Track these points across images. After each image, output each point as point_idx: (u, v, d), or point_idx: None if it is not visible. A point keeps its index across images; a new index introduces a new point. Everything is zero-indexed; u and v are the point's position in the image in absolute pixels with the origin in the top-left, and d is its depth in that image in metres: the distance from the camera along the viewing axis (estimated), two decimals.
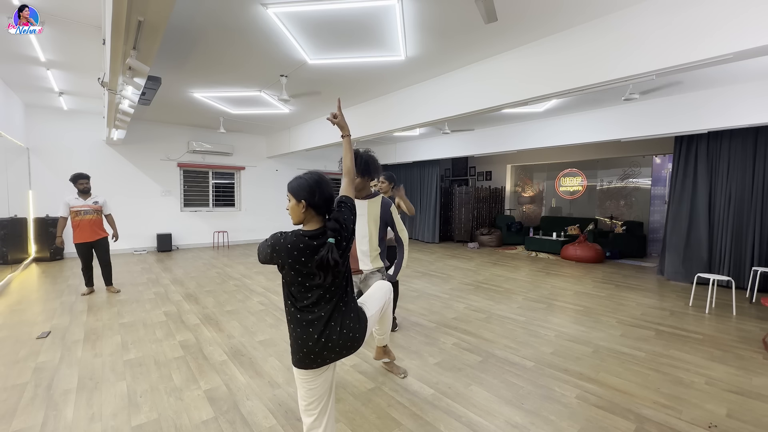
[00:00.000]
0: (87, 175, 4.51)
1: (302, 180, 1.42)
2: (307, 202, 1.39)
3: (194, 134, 8.49)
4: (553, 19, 3.21)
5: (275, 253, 1.36)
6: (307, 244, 1.35)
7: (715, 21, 2.59)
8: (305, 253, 1.34)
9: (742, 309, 4.39)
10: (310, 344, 1.37)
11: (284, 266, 1.36)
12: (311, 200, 1.39)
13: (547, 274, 6.27)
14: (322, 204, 1.40)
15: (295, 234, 1.38)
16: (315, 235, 1.38)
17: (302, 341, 1.38)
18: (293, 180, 1.44)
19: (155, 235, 8.05)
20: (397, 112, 5.39)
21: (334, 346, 1.40)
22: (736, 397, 2.44)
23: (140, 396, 2.35)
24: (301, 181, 1.41)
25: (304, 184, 1.40)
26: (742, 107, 4.57)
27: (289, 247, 1.34)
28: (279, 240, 1.36)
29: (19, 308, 4.03)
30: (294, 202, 1.41)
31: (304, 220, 1.43)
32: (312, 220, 1.42)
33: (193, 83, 5.14)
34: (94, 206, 4.51)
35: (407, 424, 2.09)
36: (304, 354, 1.38)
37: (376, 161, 2.35)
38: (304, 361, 1.39)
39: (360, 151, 2.29)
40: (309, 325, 1.38)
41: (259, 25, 3.37)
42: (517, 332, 3.54)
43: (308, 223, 1.43)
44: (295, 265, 1.34)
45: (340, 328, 1.42)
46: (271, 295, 4.67)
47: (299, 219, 1.43)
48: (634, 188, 8.87)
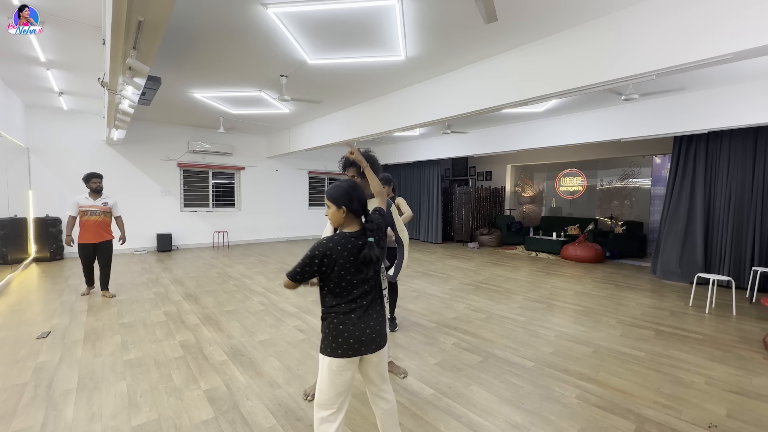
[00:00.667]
0: (100, 175, 4.38)
1: (340, 188, 1.56)
2: (347, 207, 1.54)
3: (194, 134, 8.50)
4: (553, 19, 3.21)
5: (326, 258, 1.47)
6: (353, 244, 1.51)
7: (714, 21, 2.59)
8: (352, 251, 1.50)
9: (742, 309, 4.39)
10: (352, 329, 1.49)
11: (334, 266, 1.48)
12: (350, 205, 1.54)
13: (547, 274, 6.27)
14: (359, 208, 1.56)
15: (341, 235, 1.52)
16: (357, 236, 1.54)
17: (344, 328, 1.49)
18: (331, 189, 1.58)
19: (155, 235, 8.05)
20: (397, 112, 5.39)
21: (371, 332, 1.53)
22: (736, 397, 2.44)
23: (140, 396, 2.35)
24: (340, 189, 1.56)
25: (343, 191, 1.55)
26: (741, 107, 4.57)
27: (339, 248, 1.48)
28: (327, 244, 1.48)
29: (19, 308, 4.03)
30: (334, 208, 1.55)
31: (344, 224, 1.57)
32: (351, 222, 1.57)
33: (193, 83, 5.14)
34: (103, 207, 4.37)
35: (407, 424, 2.09)
36: (344, 340, 1.49)
37: (376, 161, 2.35)
38: (343, 348, 1.49)
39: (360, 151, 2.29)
40: (351, 312, 1.51)
41: (259, 25, 3.37)
42: (517, 332, 3.54)
43: (348, 226, 1.57)
44: (345, 264, 1.48)
45: (377, 316, 1.58)
46: (271, 295, 4.67)
47: (339, 223, 1.57)
48: (634, 188, 8.87)
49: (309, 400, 2.31)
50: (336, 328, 1.50)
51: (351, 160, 2.24)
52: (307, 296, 4.64)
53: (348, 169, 2.29)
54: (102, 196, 4.40)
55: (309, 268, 1.48)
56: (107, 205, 4.41)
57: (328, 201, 1.58)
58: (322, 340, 1.55)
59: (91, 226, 4.29)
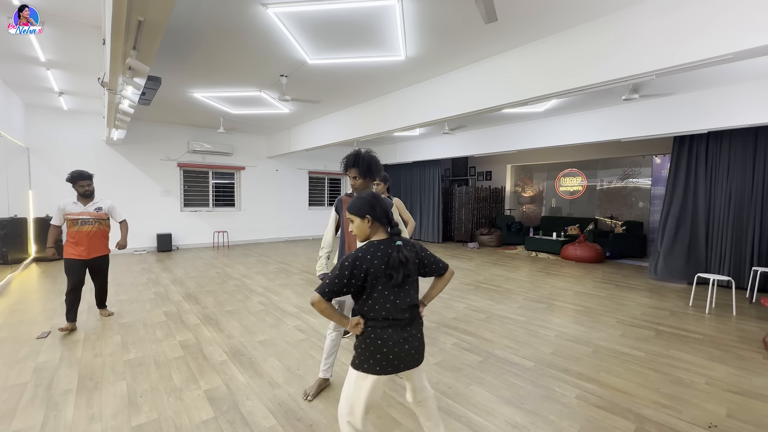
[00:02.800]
0: (89, 175, 3.53)
1: (361, 200, 1.58)
2: (372, 216, 1.55)
3: (194, 134, 8.50)
4: (553, 18, 3.21)
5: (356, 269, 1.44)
6: (383, 251, 1.50)
7: (714, 21, 2.59)
8: (383, 259, 1.48)
9: (742, 309, 4.39)
10: (391, 344, 1.46)
11: (367, 276, 1.46)
12: (374, 213, 1.55)
13: (547, 274, 6.27)
14: (383, 215, 1.57)
15: (369, 244, 1.53)
16: (386, 243, 1.53)
17: (382, 343, 1.45)
18: (352, 203, 1.59)
19: (155, 235, 8.05)
20: (397, 112, 5.39)
21: (410, 348, 1.50)
22: (736, 397, 2.44)
23: (140, 396, 2.35)
24: (361, 201, 1.58)
25: (364, 201, 1.57)
26: (741, 107, 4.57)
27: (369, 257, 1.47)
28: (357, 254, 1.48)
29: (19, 308, 4.03)
30: (358, 221, 1.56)
31: (371, 234, 1.58)
32: (378, 231, 1.58)
33: (193, 83, 5.14)
34: (97, 214, 3.54)
35: (407, 424, 2.09)
36: (383, 356, 1.45)
37: (377, 162, 2.31)
38: (381, 365, 1.45)
39: (362, 151, 2.27)
40: (389, 327, 1.47)
41: (259, 25, 3.37)
42: (517, 332, 3.54)
43: (374, 235, 1.58)
44: (377, 273, 1.46)
45: (416, 332, 1.55)
46: (271, 295, 4.67)
47: (366, 235, 1.58)
48: (634, 188, 8.87)
49: (309, 400, 2.31)
50: (374, 343, 1.46)
51: (353, 161, 2.24)
52: (307, 296, 4.64)
53: (350, 169, 2.28)
54: (94, 200, 3.58)
55: (340, 281, 1.42)
56: (101, 210, 3.58)
57: (350, 216, 1.58)
58: (357, 355, 1.50)
59: (84, 238, 3.46)
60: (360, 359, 1.49)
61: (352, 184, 2.32)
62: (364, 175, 2.25)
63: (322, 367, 2.44)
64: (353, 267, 1.44)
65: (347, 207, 1.60)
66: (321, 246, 2.46)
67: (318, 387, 2.39)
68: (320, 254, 2.45)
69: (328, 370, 2.44)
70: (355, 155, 2.24)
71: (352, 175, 2.26)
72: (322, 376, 2.43)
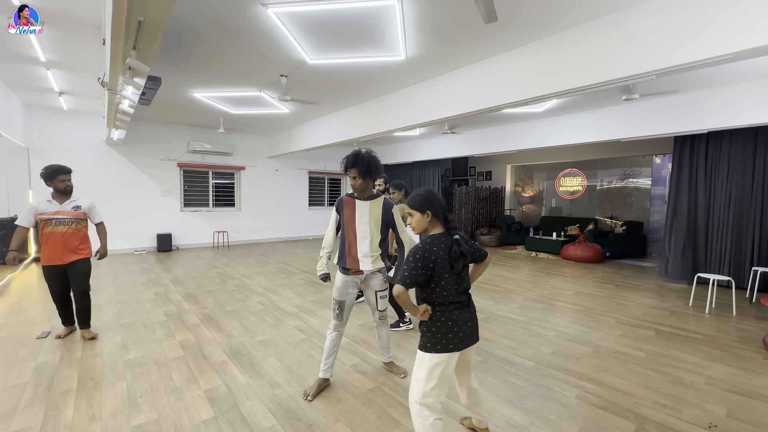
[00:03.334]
0: (68, 169, 3.20)
1: (421, 195, 1.71)
2: (432, 212, 1.69)
3: (194, 134, 8.49)
4: (553, 18, 3.21)
5: (430, 262, 1.61)
6: (445, 243, 1.66)
7: (715, 21, 2.59)
8: (446, 250, 1.64)
9: (742, 309, 4.39)
10: (460, 323, 1.65)
11: (434, 266, 1.62)
12: (434, 209, 1.69)
13: (547, 274, 6.27)
14: (440, 211, 1.71)
15: (432, 238, 1.68)
16: (444, 236, 1.69)
17: (452, 324, 1.65)
18: (413, 198, 1.72)
19: (155, 235, 8.05)
20: (397, 112, 5.39)
21: (472, 326, 1.72)
22: (736, 397, 2.44)
23: (140, 396, 2.35)
24: (421, 197, 1.71)
25: (425, 198, 1.70)
26: (741, 107, 4.57)
27: (435, 248, 1.63)
28: (424, 247, 1.64)
29: (19, 308, 4.03)
30: (418, 215, 1.71)
31: (429, 228, 1.72)
32: (435, 226, 1.72)
33: (193, 83, 5.14)
34: (75, 213, 3.15)
35: (407, 424, 2.09)
36: (454, 335, 1.64)
37: (377, 162, 2.34)
38: (454, 343, 1.64)
39: (362, 151, 2.29)
40: (455, 309, 1.67)
41: (259, 25, 3.37)
42: (517, 332, 3.54)
43: (432, 229, 1.72)
44: (443, 263, 1.63)
45: (473, 311, 1.75)
46: (271, 295, 4.67)
47: (424, 228, 1.72)
48: (634, 188, 8.87)
49: (309, 400, 2.31)
50: (445, 324, 1.64)
51: (353, 161, 2.25)
52: (308, 296, 4.64)
53: (350, 170, 2.29)
54: (72, 198, 3.20)
55: (416, 273, 1.60)
56: (80, 209, 3.19)
57: (411, 210, 1.71)
58: (429, 339, 1.65)
59: (58, 240, 3.06)
60: (432, 341, 1.64)
61: (352, 184, 2.33)
62: (364, 175, 2.27)
63: (322, 367, 2.44)
64: (423, 259, 1.60)
65: (408, 201, 1.73)
66: (322, 246, 2.48)
67: (318, 387, 2.39)
68: (321, 254, 2.46)
69: (328, 370, 2.44)
70: (355, 155, 2.26)
71: (351, 175, 2.29)
72: (322, 376, 2.43)
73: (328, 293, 4.76)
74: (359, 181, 2.29)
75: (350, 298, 2.41)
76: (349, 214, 2.37)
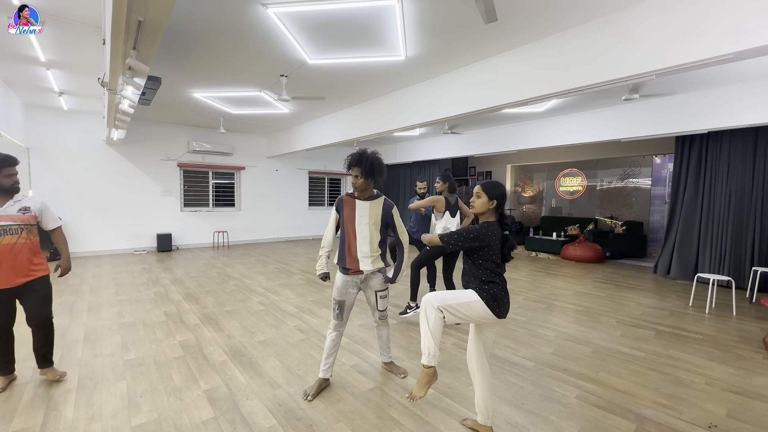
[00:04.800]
0: (15, 160, 2.44)
1: (499, 186, 1.90)
2: (497, 203, 1.89)
3: (194, 134, 8.50)
4: (553, 18, 3.21)
5: (478, 238, 1.82)
6: (498, 231, 1.88)
7: (714, 21, 2.59)
8: (498, 237, 1.87)
9: (742, 309, 4.39)
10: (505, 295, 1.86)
11: (489, 243, 1.83)
12: (501, 201, 1.89)
13: (547, 274, 6.26)
14: (502, 205, 1.91)
15: (488, 224, 1.86)
16: (496, 225, 1.89)
17: (504, 293, 1.86)
18: (489, 184, 1.90)
19: (155, 235, 8.05)
20: (397, 112, 5.39)
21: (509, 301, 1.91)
22: (736, 397, 2.44)
23: (140, 396, 2.35)
24: (498, 187, 1.90)
25: (501, 190, 1.89)
26: (741, 107, 4.57)
27: (490, 233, 1.84)
28: (481, 229, 1.84)
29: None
30: (486, 199, 1.89)
31: (486, 214, 1.91)
32: (490, 214, 1.92)
33: (193, 83, 5.14)
34: (24, 218, 2.38)
35: (407, 424, 2.09)
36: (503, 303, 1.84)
37: (381, 163, 2.34)
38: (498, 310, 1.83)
39: (367, 151, 2.29)
40: (503, 284, 1.88)
41: (259, 25, 3.37)
42: (517, 332, 3.54)
43: (488, 216, 1.92)
44: (495, 246, 1.85)
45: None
46: (271, 295, 4.67)
47: (483, 211, 1.91)
48: (634, 188, 8.86)
49: (309, 400, 2.31)
50: (502, 290, 1.85)
51: (357, 160, 2.26)
52: (307, 296, 4.64)
53: (353, 168, 2.30)
54: (17, 198, 2.44)
55: (464, 240, 1.82)
56: (29, 212, 2.42)
57: (482, 191, 1.89)
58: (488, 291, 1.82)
59: (5, 255, 2.28)
60: (485, 297, 1.80)
61: (353, 182, 2.33)
62: (366, 175, 2.28)
63: (322, 367, 2.44)
64: (479, 234, 1.82)
65: (483, 185, 1.89)
66: (321, 245, 2.47)
67: (318, 387, 2.38)
68: (320, 253, 2.47)
69: (328, 370, 2.44)
70: (360, 154, 2.27)
71: (354, 174, 2.29)
72: (322, 376, 2.43)
73: (328, 293, 4.76)
74: (361, 180, 2.29)
75: (350, 297, 2.41)
76: (349, 214, 2.37)
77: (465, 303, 1.83)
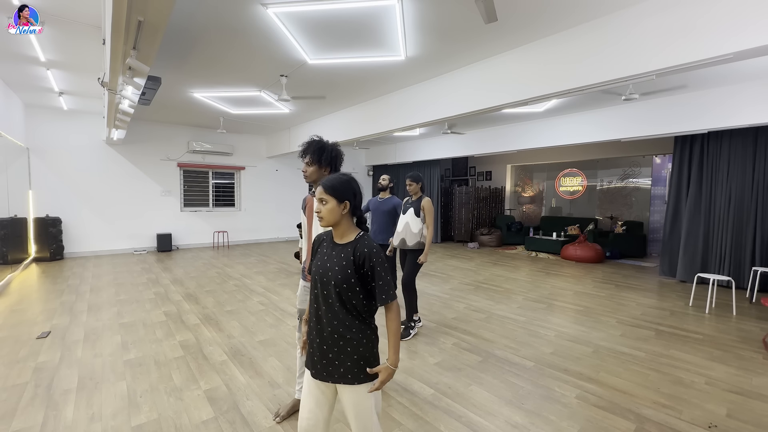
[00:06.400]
0: None
1: (343, 179, 1.35)
2: (350, 203, 1.34)
3: (194, 134, 8.49)
4: (553, 18, 3.21)
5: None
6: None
7: (715, 21, 2.59)
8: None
9: (742, 309, 4.39)
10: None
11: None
12: (354, 200, 1.35)
13: (547, 274, 6.26)
14: (359, 205, 1.39)
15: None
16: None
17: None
18: (331, 180, 1.34)
19: (155, 235, 8.05)
20: (397, 112, 5.39)
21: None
22: (736, 397, 2.44)
23: (140, 396, 2.35)
24: (343, 180, 1.35)
25: (346, 182, 1.35)
26: (741, 107, 4.57)
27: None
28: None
29: (19, 308, 4.03)
30: (334, 203, 1.31)
31: (339, 223, 1.35)
32: (347, 225, 1.37)
33: (193, 83, 5.14)
34: None
35: (407, 424, 2.09)
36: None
37: (333, 150, 1.97)
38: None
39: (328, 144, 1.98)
40: None
41: (259, 25, 3.37)
42: (517, 332, 3.54)
43: (341, 227, 1.36)
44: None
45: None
46: (271, 295, 4.67)
47: (335, 222, 1.35)
48: (634, 188, 8.86)
49: (278, 421, 2.10)
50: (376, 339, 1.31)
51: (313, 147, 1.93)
52: None
53: (306, 155, 1.95)
54: None
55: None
56: None
57: (326, 194, 1.26)
58: (373, 361, 1.26)
59: None
60: (375, 363, 1.27)
61: (303, 171, 2.01)
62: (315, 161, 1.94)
63: (297, 387, 2.19)
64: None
65: (322, 183, 1.30)
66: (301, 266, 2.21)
67: (292, 408, 2.15)
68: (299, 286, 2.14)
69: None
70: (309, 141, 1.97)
71: (305, 161, 1.97)
72: (297, 397, 2.17)
73: None
74: (311, 168, 1.94)
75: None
76: (310, 213, 2.05)
77: (376, 414, 1.36)
